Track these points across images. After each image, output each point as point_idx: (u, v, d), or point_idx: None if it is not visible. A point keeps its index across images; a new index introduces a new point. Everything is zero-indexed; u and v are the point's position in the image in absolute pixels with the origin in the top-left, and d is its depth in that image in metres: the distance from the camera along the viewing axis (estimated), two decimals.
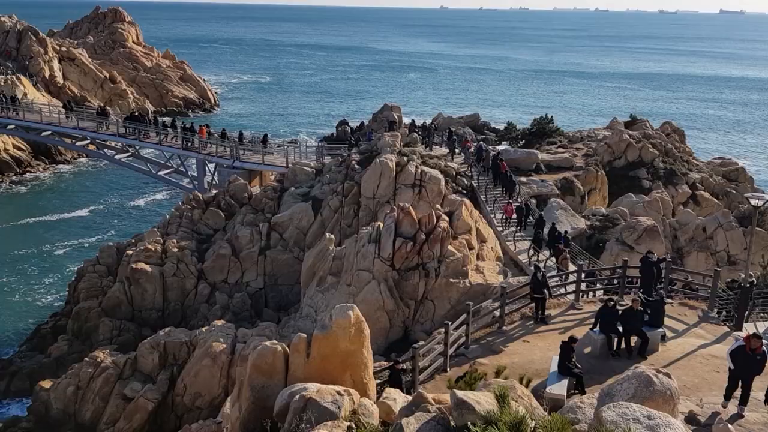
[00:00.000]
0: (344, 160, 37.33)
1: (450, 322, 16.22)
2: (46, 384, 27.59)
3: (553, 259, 26.00)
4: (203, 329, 26.94)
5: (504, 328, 18.20)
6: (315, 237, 33.12)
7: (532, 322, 18.57)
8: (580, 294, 20.08)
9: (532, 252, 27.37)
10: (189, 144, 46.84)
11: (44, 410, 26.74)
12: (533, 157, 42.16)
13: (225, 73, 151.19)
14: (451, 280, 25.41)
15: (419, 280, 25.50)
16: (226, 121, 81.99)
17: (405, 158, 34.57)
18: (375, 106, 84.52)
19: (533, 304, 18.80)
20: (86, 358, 27.54)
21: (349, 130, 79.10)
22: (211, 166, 45.90)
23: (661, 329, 16.72)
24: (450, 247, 26.05)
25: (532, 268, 20.95)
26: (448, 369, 15.94)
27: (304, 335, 11.45)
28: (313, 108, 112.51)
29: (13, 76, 74.55)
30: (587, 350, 16.20)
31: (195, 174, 46.97)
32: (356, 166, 35.70)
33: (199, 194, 38.64)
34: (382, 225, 26.61)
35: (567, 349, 14.45)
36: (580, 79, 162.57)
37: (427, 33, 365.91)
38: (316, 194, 35.55)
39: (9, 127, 54.68)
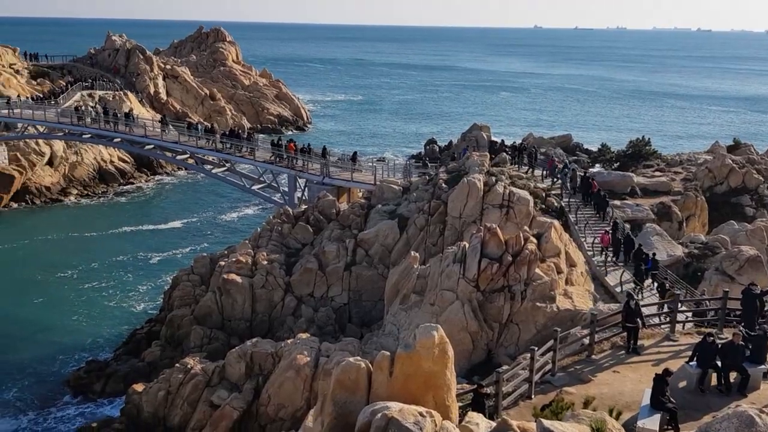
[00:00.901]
0: (431, 179, 37.30)
1: (536, 348, 15.79)
2: (139, 387, 28.71)
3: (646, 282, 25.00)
4: (288, 341, 27.35)
5: (593, 356, 17.56)
6: (400, 255, 33.15)
7: (623, 351, 17.83)
8: (676, 325, 19.14)
9: (633, 285, 26.14)
10: (281, 159, 48.09)
11: (136, 412, 27.84)
12: (628, 180, 40.79)
13: (318, 92, 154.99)
14: (538, 304, 24.81)
15: (504, 303, 25.03)
16: (317, 139, 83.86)
17: (493, 178, 34.17)
18: (464, 126, 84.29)
19: (625, 333, 18.05)
20: (177, 364, 28.50)
21: (437, 149, 79.22)
22: (302, 181, 46.92)
23: (763, 366, 15.69)
24: (537, 270, 25.47)
25: (625, 295, 20.18)
26: (532, 396, 15.51)
27: (388, 353, 11.41)
28: (402, 126, 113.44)
29: (121, 92, 79.21)
30: (682, 384, 15.40)
31: (286, 189, 48.14)
32: (443, 185, 35.58)
33: (289, 209, 39.53)
34: (467, 245, 26.34)
35: (661, 382, 13.79)
36: (680, 100, 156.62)
37: (520, 53, 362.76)
38: (403, 212, 35.64)
39: (115, 140, 57.88)
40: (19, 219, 59.34)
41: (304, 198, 46.12)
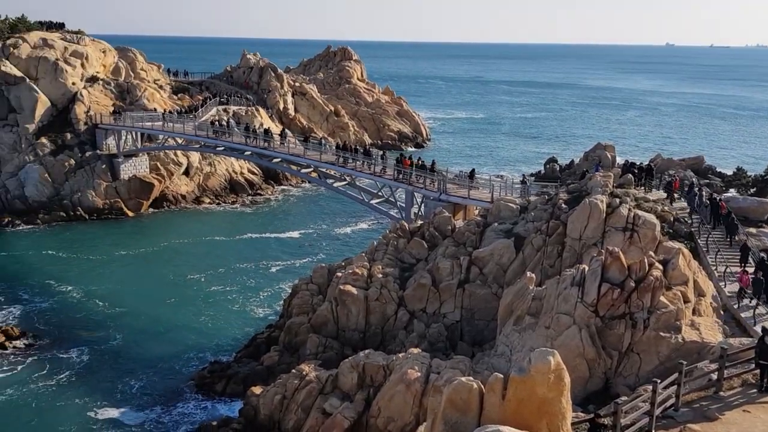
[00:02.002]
0: (551, 199, 36.49)
1: (659, 380, 15.05)
2: (257, 390, 29.87)
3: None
4: (400, 355, 27.58)
5: (721, 393, 16.50)
6: (515, 274, 32.60)
7: (755, 390, 16.63)
8: None
9: None
10: (400, 176, 48.69)
11: (253, 414, 28.99)
12: (766, 206, 38.06)
13: (439, 109, 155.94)
14: (662, 333, 23.59)
15: (625, 330, 23.99)
16: (435, 155, 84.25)
17: (617, 200, 32.92)
18: (587, 145, 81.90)
19: (758, 371, 16.83)
20: (293, 370, 29.43)
21: (558, 168, 77.35)
22: (419, 197, 47.27)
23: None
24: (662, 299, 24.24)
25: (760, 330, 18.81)
26: (653, 431, 14.77)
27: (501, 376, 11.28)
28: (521, 145, 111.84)
29: (253, 108, 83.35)
30: None
31: (403, 204, 48.66)
32: (563, 205, 34.69)
33: (405, 224, 39.92)
34: (587, 268, 25.51)
35: None
36: None
37: (650, 70, 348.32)
38: (519, 231, 35.06)
39: (246, 153, 60.89)
40: (157, 224, 63.74)
41: (420, 213, 46.42)
